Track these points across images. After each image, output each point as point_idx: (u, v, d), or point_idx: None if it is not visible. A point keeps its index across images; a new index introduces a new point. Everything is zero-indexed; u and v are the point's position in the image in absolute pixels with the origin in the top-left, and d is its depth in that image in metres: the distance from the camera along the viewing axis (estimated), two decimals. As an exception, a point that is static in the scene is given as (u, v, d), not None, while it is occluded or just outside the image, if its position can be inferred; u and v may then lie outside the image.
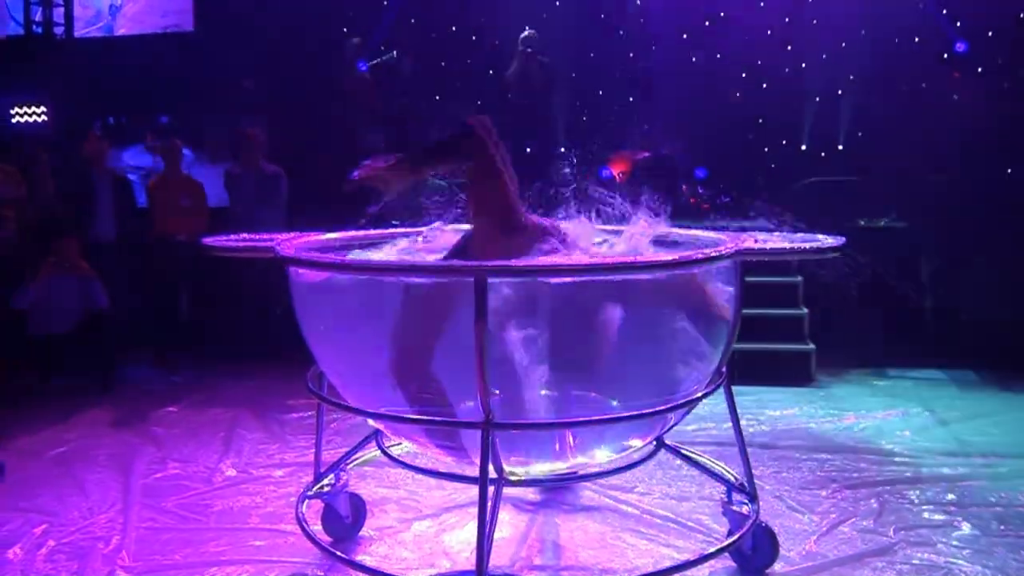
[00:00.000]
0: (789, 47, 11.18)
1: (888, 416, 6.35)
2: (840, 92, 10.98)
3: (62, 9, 12.34)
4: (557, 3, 11.65)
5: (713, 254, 3.33)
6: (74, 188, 8.38)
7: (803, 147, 11.16)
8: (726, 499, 3.94)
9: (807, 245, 3.71)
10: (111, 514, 4.66)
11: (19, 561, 4.10)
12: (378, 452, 4.17)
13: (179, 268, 8.37)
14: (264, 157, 8.74)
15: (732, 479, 4.00)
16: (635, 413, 3.40)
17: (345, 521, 4.23)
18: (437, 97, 11.30)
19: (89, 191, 8.30)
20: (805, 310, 7.84)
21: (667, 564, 3.88)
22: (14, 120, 11.43)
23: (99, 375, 7.53)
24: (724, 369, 3.82)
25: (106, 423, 6.48)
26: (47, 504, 4.80)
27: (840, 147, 10.91)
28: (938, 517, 4.49)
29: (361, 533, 4.31)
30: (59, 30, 12.27)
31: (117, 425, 6.42)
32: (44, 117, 11.52)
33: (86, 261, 7.65)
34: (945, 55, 10.45)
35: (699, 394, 3.62)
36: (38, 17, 12.14)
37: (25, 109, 11.48)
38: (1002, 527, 4.36)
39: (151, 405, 6.86)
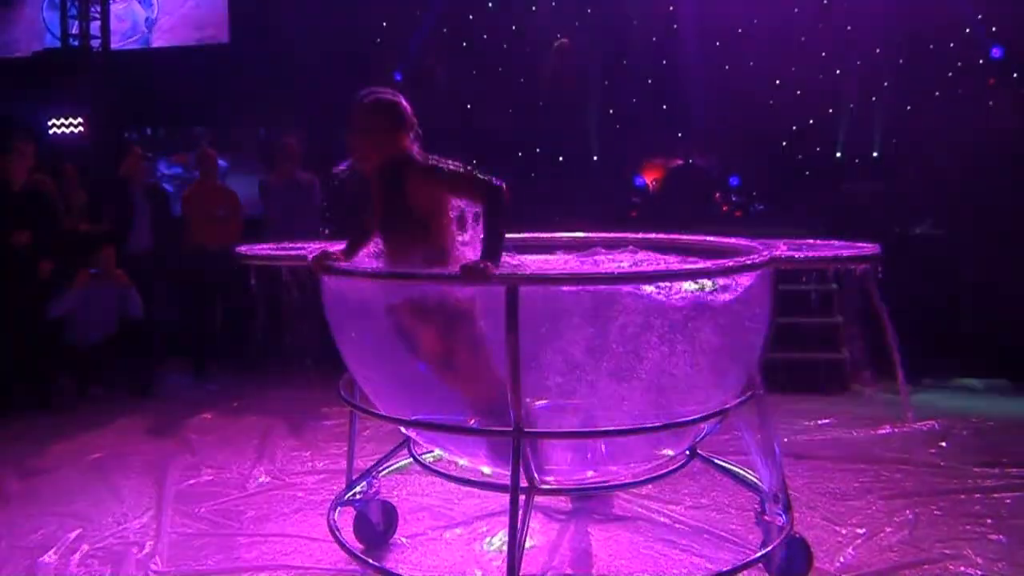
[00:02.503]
0: (823, 54, 11.11)
1: (924, 426, 6.27)
2: (874, 99, 10.91)
3: (99, 22, 12.49)
4: (589, 10, 11.64)
5: (747, 262, 3.31)
6: (110, 199, 8.46)
7: (837, 154, 11.08)
8: (760, 509, 3.90)
9: (841, 253, 3.68)
10: (145, 519, 4.70)
11: (54, 565, 4.14)
12: (410, 460, 4.17)
13: (214, 277, 8.41)
14: (298, 166, 8.78)
15: (766, 489, 3.97)
16: (668, 423, 3.38)
17: (377, 528, 4.23)
18: (469, 106, 11.34)
19: (126, 202, 8.38)
20: (840, 318, 7.76)
21: (700, 575, 3.85)
22: (51, 132, 11.58)
23: (135, 383, 7.60)
24: (758, 378, 3.80)
25: (141, 430, 6.53)
26: (82, 509, 4.85)
27: (875, 154, 10.83)
28: (974, 529, 4.43)
29: (393, 540, 4.31)
30: (96, 43, 12.43)
31: (152, 432, 6.48)
32: (81, 129, 11.66)
33: (122, 271, 7.72)
34: (980, 61, 10.36)
35: (733, 403, 3.60)
36: (75, 30, 12.30)
37: (62, 121, 11.63)
38: (1040, 539, 4.30)
39: (186, 412, 6.91)
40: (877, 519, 4.57)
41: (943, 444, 5.85)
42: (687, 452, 3.93)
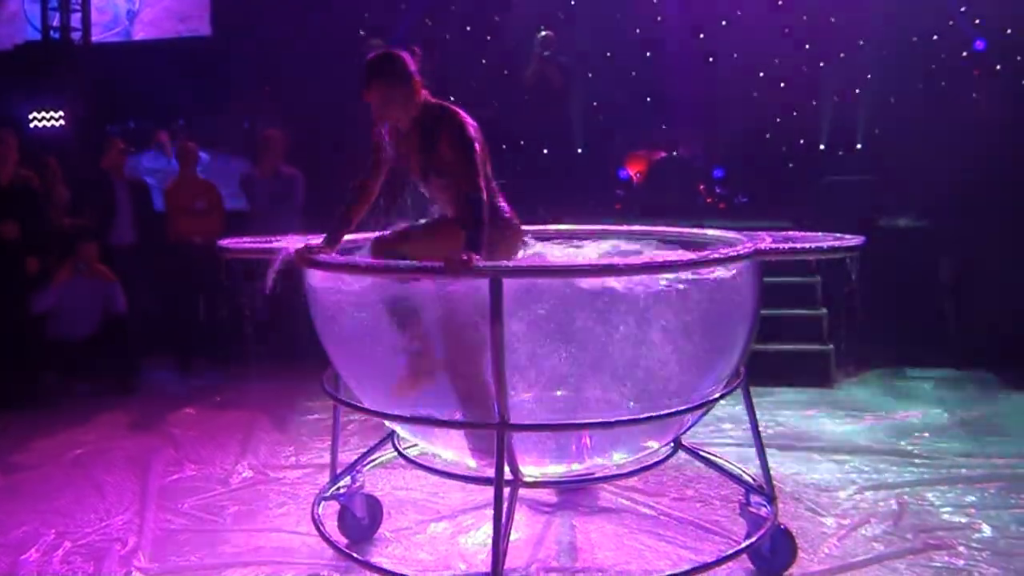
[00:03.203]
0: (807, 46, 11.12)
1: (907, 417, 6.29)
2: (858, 91, 10.92)
3: (80, 14, 12.37)
4: (573, 2, 11.62)
5: (731, 254, 3.31)
6: (93, 193, 8.40)
7: (821, 146, 11.09)
8: (744, 501, 3.91)
9: (825, 245, 3.69)
10: (128, 515, 4.67)
11: (36, 562, 4.11)
12: (395, 453, 4.16)
13: (196, 271, 8.35)
14: (282, 160, 8.72)
15: (750, 481, 3.98)
16: (652, 415, 3.38)
17: (361, 522, 4.23)
18: (452, 98, 11.30)
19: (108, 197, 8.32)
20: (824, 310, 7.77)
21: (685, 566, 3.85)
22: (32, 125, 11.47)
23: (118, 378, 7.55)
24: (742, 370, 3.80)
25: (124, 425, 6.50)
26: (64, 506, 4.82)
27: (858, 146, 10.84)
28: (958, 519, 4.45)
29: (377, 534, 4.30)
30: (77, 35, 12.30)
31: (135, 427, 6.44)
32: (62, 122, 11.55)
33: (105, 265, 7.67)
34: (964, 53, 10.39)
35: (717, 395, 3.60)
36: (56, 22, 12.17)
37: (43, 114, 11.51)
38: (1022, 529, 4.31)
39: (169, 407, 6.87)
40: (861, 510, 4.58)
41: (926, 435, 5.87)
42: (671, 444, 3.93)
